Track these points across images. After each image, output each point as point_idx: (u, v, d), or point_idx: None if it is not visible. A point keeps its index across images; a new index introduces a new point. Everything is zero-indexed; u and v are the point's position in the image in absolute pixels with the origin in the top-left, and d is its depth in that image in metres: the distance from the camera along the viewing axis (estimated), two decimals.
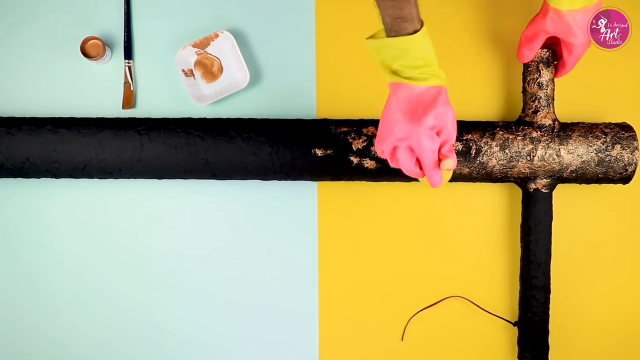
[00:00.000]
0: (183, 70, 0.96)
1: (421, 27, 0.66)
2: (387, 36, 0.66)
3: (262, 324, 0.99)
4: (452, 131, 0.69)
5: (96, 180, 0.97)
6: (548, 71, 0.89)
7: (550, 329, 0.94)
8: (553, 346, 0.95)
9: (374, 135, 0.89)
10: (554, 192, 0.93)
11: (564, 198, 0.98)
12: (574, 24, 0.82)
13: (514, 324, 0.96)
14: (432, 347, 0.99)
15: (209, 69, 0.97)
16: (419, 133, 0.67)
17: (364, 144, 0.89)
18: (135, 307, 0.99)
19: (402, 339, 0.99)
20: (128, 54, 0.99)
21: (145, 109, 0.99)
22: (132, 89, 0.99)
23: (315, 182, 0.99)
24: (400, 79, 0.67)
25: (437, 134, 0.68)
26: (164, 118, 0.93)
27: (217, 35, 0.96)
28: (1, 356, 0.99)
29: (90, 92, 0.99)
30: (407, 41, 0.65)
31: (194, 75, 0.97)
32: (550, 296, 0.93)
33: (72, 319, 0.99)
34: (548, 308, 0.93)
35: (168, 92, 0.99)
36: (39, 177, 0.92)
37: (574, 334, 0.99)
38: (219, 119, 0.93)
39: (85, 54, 0.95)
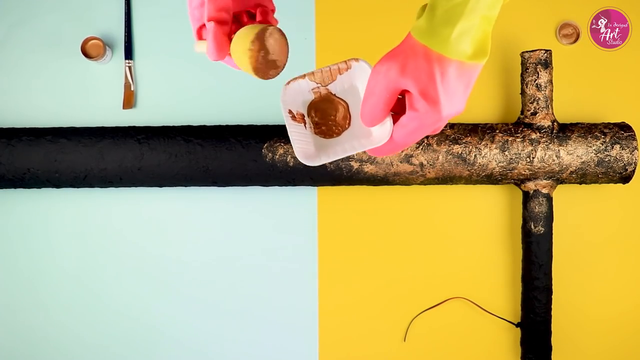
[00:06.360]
0: (290, 112, 0.60)
1: None
2: None
3: (262, 330, 0.99)
4: None
5: (97, 188, 0.97)
6: (546, 73, 0.89)
7: (552, 329, 0.94)
8: (556, 346, 0.95)
9: None
10: (554, 193, 0.92)
11: (564, 199, 0.98)
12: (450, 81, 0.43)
13: (517, 325, 0.96)
14: (435, 348, 0.99)
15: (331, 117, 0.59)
16: None
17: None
18: (136, 312, 0.99)
19: (404, 340, 0.99)
20: (128, 54, 0.99)
21: (145, 108, 0.99)
22: (132, 89, 0.99)
23: (316, 187, 0.99)
24: None
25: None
26: (163, 126, 0.92)
27: (349, 66, 0.56)
28: None
29: (90, 92, 0.99)
30: None
31: (304, 122, 0.60)
32: (552, 297, 0.93)
33: (74, 325, 0.99)
34: (550, 309, 0.93)
35: (168, 92, 0.99)
36: (40, 188, 0.93)
37: (577, 334, 0.99)
38: (219, 126, 0.92)
39: (85, 54, 0.95)
